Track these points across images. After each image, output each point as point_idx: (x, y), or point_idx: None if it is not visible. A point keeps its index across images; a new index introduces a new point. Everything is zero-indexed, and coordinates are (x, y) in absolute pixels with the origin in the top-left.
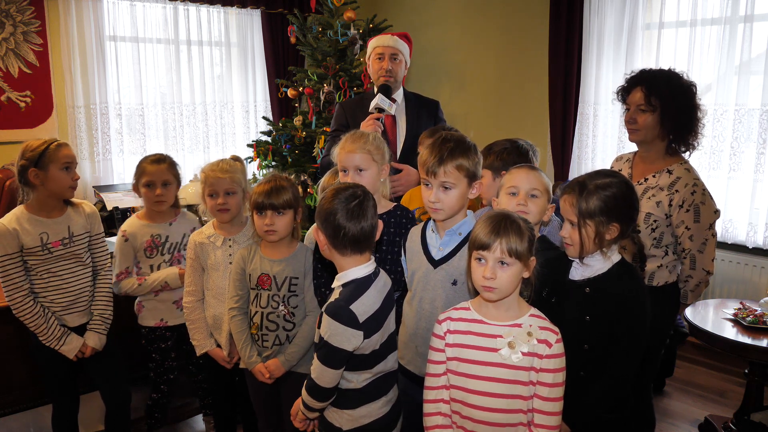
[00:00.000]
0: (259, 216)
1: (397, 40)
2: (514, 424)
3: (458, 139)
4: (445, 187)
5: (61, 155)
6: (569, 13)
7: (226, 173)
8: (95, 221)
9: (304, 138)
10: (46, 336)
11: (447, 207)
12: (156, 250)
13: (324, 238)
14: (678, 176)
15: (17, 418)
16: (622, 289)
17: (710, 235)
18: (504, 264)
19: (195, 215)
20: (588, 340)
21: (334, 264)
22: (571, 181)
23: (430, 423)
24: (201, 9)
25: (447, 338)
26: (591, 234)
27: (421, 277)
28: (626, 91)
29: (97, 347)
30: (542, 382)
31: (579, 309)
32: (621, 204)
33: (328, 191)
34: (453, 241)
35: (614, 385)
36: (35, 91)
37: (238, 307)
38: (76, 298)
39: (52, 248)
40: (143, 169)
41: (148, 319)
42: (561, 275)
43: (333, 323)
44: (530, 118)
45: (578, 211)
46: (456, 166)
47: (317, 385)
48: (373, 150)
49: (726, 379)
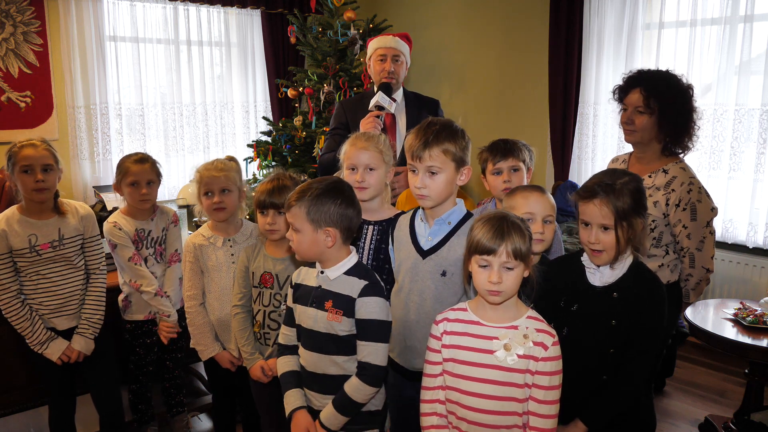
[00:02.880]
0: (261, 215)
1: (398, 41)
2: (509, 426)
3: (444, 123)
4: (431, 172)
5: (20, 157)
6: (569, 13)
7: (221, 171)
8: (89, 223)
9: (304, 138)
10: (30, 339)
11: (434, 193)
12: (141, 244)
13: (337, 234)
14: (674, 175)
15: (17, 418)
16: (644, 288)
17: (708, 232)
18: (509, 267)
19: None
20: (614, 344)
21: (322, 262)
22: (591, 186)
23: (426, 423)
24: (201, 9)
25: (444, 339)
26: (626, 234)
27: (409, 268)
28: (624, 91)
29: (83, 351)
30: (537, 384)
31: (605, 314)
32: (643, 197)
33: (315, 190)
34: (442, 230)
35: (634, 383)
36: (35, 92)
37: (242, 304)
38: (65, 301)
39: (40, 250)
40: (127, 168)
41: (136, 313)
42: (577, 281)
43: (380, 300)
44: (530, 118)
45: (616, 213)
46: (442, 150)
47: (380, 368)
48: (384, 150)
49: (726, 379)
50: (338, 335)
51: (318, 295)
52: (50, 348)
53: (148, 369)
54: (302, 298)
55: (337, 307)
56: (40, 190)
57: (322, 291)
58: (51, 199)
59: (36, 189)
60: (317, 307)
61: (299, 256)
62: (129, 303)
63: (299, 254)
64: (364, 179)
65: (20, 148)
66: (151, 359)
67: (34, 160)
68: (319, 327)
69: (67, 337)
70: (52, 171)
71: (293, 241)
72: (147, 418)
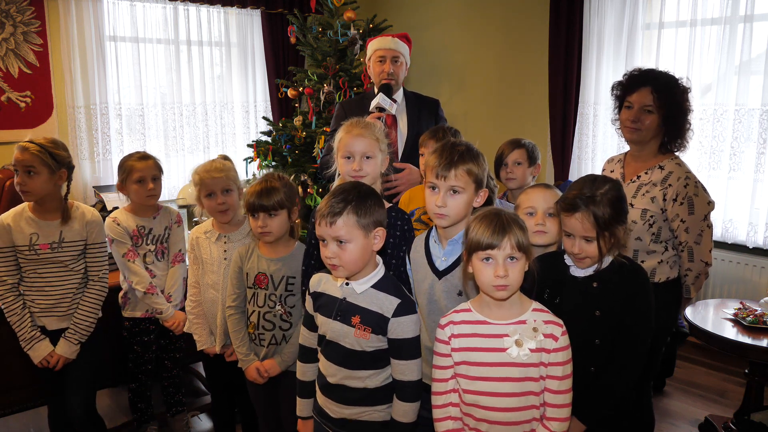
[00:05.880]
0: (252, 218)
1: (397, 42)
2: (528, 421)
3: (468, 145)
4: (453, 191)
5: (14, 158)
6: (569, 13)
7: (221, 172)
8: (94, 229)
9: (304, 138)
10: (19, 335)
11: (453, 213)
12: (141, 240)
13: (384, 232)
14: (670, 171)
15: (17, 418)
16: (628, 278)
17: (706, 226)
18: (513, 259)
19: (177, 211)
20: (599, 335)
21: (358, 271)
22: (569, 198)
23: (441, 428)
24: (201, 9)
25: (452, 343)
26: (608, 243)
27: (426, 289)
28: (628, 89)
29: (66, 356)
30: (551, 375)
31: (588, 304)
32: (624, 204)
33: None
34: (456, 250)
35: (625, 375)
36: (35, 92)
37: (236, 305)
38: (56, 303)
39: (39, 250)
40: (132, 166)
41: (134, 310)
42: (560, 274)
43: (414, 317)
44: (530, 118)
45: (597, 226)
46: (466, 171)
47: (418, 383)
48: (380, 138)
49: (726, 379)
50: (365, 351)
51: (343, 308)
52: (34, 349)
53: (147, 367)
54: (324, 309)
55: (366, 323)
56: (24, 192)
57: (347, 304)
58: (56, 201)
59: (21, 191)
60: (342, 321)
61: (347, 272)
62: (128, 299)
63: (347, 268)
64: (361, 168)
65: (17, 149)
66: (150, 357)
67: (18, 163)
68: (344, 342)
69: (56, 338)
70: (36, 174)
71: (338, 258)
72: (147, 417)
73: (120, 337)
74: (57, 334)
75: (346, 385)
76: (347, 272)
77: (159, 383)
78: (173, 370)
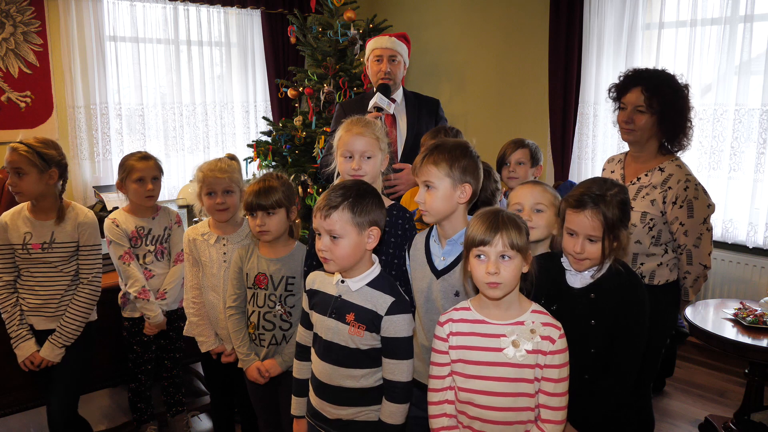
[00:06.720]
0: (251, 217)
1: (395, 42)
2: (522, 422)
3: (451, 142)
4: (426, 186)
5: (5, 159)
6: (569, 13)
7: (224, 173)
8: (87, 231)
9: (304, 138)
10: (8, 332)
11: (431, 208)
12: (140, 240)
13: (378, 232)
14: (670, 173)
15: (17, 418)
16: (623, 285)
17: (705, 229)
18: (506, 257)
19: (177, 212)
20: (594, 344)
21: (351, 268)
22: (581, 196)
23: (436, 425)
24: (201, 9)
25: (450, 340)
26: (612, 245)
27: (424, 288)
28: (622, 90)
29: (49, 359)
30: (547, 377)
31: (584, 314)
32: (629, 209)
33: (352, 192)
34: (455, 250)
35: (620, 381)
36: (35, 92)
37: (236, 306)
38: (44, 303)
39: (31, 249)
40: (132, 166)
41: (133, 310)
42: (557, 282)
43: (407, 317)
44: (530, 118)
45: (605, 225)
46: (435, 164)
47: (408, 383)
48: (380, 137)
49: (726, 379)
50: (359, 349)
51: (338, 306)
52: (19, 348)
53: (147, 367)
54: (319, 306)
55: (360, 321)
56: (16, 193)
57: (342, 302)
58: (52, 201)
59: (13, 192)
60: (337, 319)
61: (337, 266)
62: (127, 300)
63: (338, 263)
64: (360, 167)
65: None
66: (150, 357)
67: (8, 164)
68: (339, 339)
69: (44, 338)
70: (25, 174)
71: (330, 251)
72: (146, 417)
73: (120, 337)
74: (45, 335)
75: (341, 385)
76: (338, 267)
77: (159, 383)
78: (173, 370)
